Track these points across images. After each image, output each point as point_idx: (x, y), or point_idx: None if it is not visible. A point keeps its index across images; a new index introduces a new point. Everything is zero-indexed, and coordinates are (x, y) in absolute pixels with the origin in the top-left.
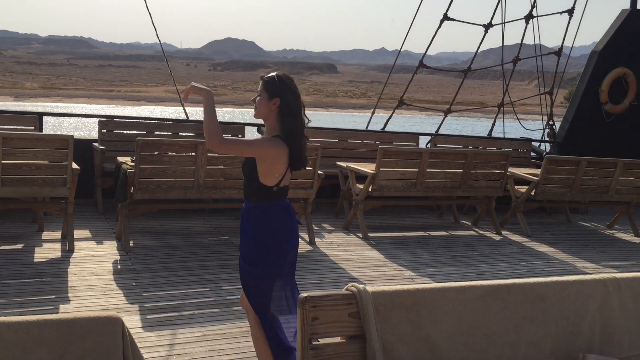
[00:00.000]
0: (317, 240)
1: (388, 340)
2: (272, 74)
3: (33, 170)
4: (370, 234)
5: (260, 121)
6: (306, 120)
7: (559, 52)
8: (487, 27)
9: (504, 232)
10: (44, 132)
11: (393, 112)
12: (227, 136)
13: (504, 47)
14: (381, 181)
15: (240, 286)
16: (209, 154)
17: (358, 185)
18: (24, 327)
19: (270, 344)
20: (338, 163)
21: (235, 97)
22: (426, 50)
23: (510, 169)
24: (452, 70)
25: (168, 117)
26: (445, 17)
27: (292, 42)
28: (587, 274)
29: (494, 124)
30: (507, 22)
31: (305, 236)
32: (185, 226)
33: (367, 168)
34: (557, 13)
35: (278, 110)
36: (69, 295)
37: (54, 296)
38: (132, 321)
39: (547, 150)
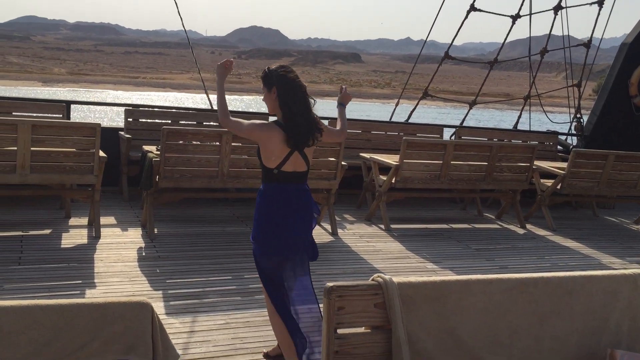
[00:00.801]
0: (339, 231)
1: (413, 331)
2: (265, 68)
3: (61, 157)
4: (393, 226)
5: None
6: (312, 102)
7: (588, 44)
8: (515, 17)
9: (528, 226)
10: (71, 120)
11: (417, 103)
12: (234, 118)
13: (531, 38)
14: (405, 173)
15: None
16: (232, 144)
17: (381, 176)
18: (57, 310)
19: (282, 318)
20: (361, 154)
21: (259, 85)
22: (452, 41)
23: (536, 162)
24: (478, 62)
25: (193, 107)
26: (472, 8)
27: (316, 30)
28: (613, 269)
29: (520, 116)
30: (535, 13)
31: (328, 227)
32: (209, 215)
33: (391, 159)
34: (587, 4)
35: (277, 99)
36: (95, 281)
37: (80, 281)
38: (156, 307)
39: (574, 143)
